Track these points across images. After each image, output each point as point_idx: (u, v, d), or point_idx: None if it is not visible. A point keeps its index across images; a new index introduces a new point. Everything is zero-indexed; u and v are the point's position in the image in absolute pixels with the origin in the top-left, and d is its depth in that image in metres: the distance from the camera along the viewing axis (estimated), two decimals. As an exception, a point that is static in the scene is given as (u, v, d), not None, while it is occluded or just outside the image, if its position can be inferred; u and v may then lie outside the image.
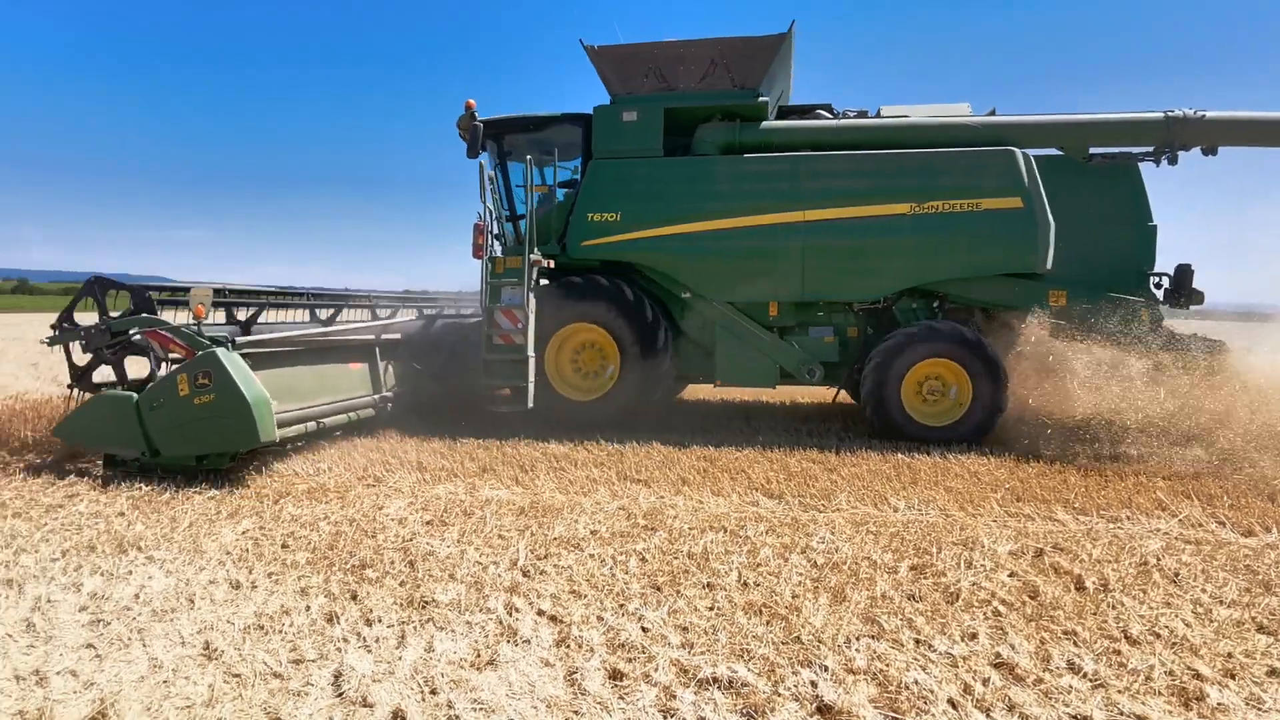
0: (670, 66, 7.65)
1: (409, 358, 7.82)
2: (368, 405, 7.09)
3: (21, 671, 2.72)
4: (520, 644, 2.91)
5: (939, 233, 7.11)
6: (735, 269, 7.53)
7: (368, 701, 2.50)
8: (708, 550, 4.00)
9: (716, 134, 7.66)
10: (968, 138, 7.33)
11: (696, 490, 5.27)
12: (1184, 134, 7.20)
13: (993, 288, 7.31)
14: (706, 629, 3.05)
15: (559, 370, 7.85)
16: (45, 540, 4.10)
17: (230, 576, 3.59)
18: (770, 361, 7.67)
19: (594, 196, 7.72)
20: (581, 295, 7.63)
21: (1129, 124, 7.37)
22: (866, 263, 7.31)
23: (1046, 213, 7.03)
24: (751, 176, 7.50)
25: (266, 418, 5.35)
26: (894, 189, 7.18)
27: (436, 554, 3.89)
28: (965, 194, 7.05)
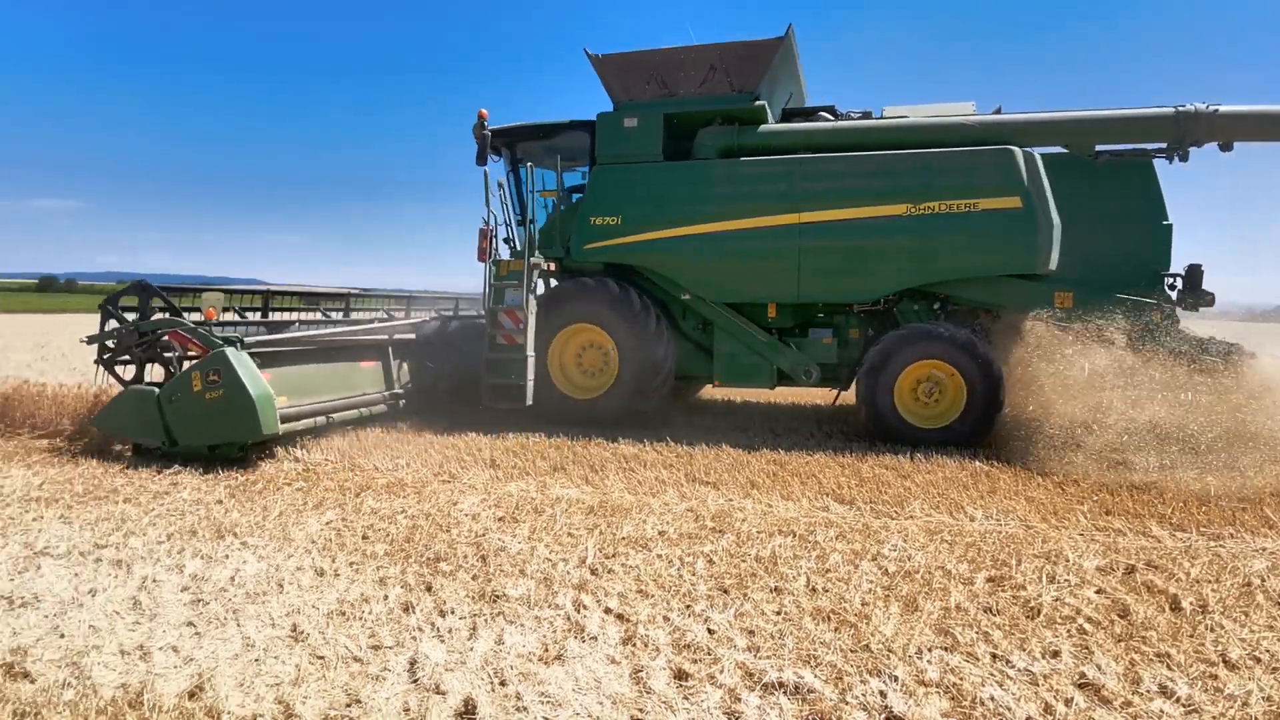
0: (671, 72, 7.74)
1: (423, 356, 8.11)
2: (379, 402, 7.43)
3: (127, 646, 2.93)
4: (587, 640, 2.96)
5: (936, 233, 6.99)
6: (732, 271, 7.59)
7: (440, 689, 2.59)
8: (776, 554, 3.96)
9: (716, 138, 7.70)
10: (967, 137, 7.16)
11: (765, 494, 5.22)
12: (1195, 130, 6.88)
13: (995, 289, 7.15)
14: (773, 633, 3.03)
15: (563, 369, 8.05)
16: (152, 524, 4.41)
17: (315, 564, 3.78)
18: (767, 363, 7.72)
19: (596, 201, 7.92)
20: (583, 296, 7.83)
21: (1137, 120, 7.08)
22: (862, 264, 7.25)
23: (1049, 213, 6.83)
24: (747, 179, 7.53)
25: (269, 413, 5.79)
26: (890, 190, 7.09)
27: (508, 550, 3.99)
28: (962, 194, 6.90)
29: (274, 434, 5.91)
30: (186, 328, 6.16)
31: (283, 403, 6.17)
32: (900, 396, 7.04)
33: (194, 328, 6.14)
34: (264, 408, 5.75)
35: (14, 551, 3.94)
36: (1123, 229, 7.15)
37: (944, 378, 6.99)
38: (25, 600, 3.34)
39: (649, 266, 7.90)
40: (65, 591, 3.43)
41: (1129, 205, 7.20)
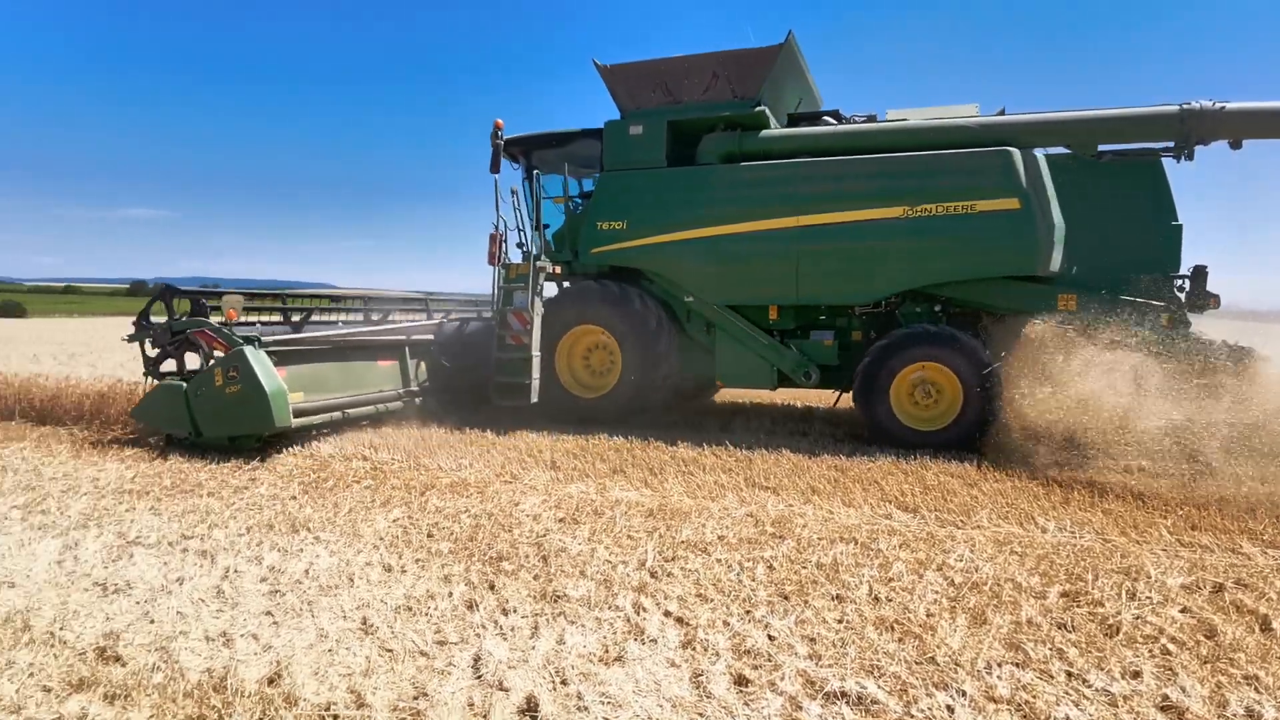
0: (675, 80, 7.90)
1: (440, 356, 8.45)
2: (395, 399, 7.83)
3: (211, 633, 3.09)
4: (647, 643, 2.97)
5: (933, 235, 6.95)
6: (733, 273, 7.71)
7: (504, 686, 2.64)
8: (837, 561, 3.91)
9: (719, 143, 7.83)
10: (966, 139, 7.11)
11: (826, 500, 5.15)
12: (1201, 128, 6.68)
13: (996, 291, 7.07)
14: (835, 641, 2.99)
15: (570, 368, 8.33)
16: (233, 518, 4.63)
17: (383, 560, 3.90)
18: (767, 364, 7.83)
19: (603, 206, 8.17)
20: (587, 299, 8.11)
21: (1140, 119, 6.91)
22: (860, 266, 7.27)
23: (1049, 214, 6.76)
24: (747, 184, 7.62)
25: (282, 407, 6.22)
26: (887, 192, 7.08)
27: (568, 551, 4.04)
28: (960, 196, 6.85)
29: (286, 426, 6.33)
30: (212, 327, 6.63)
31: (298, 398, 6.64)
32: (897, 399, 7.07)
33: (219, 327, 6.60)
34: (277, 402, 6.18)
35: (109, 540, 4.19)
36: (1131, 230, 6.98)
37: (941, 380, 6.98)
38: (118, 587, 3.55)
39: (653, 269, 8.09)
40: (155, 579, 3.63)
41: (1137, 206, 7.02)
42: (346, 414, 7.24)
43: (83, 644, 2.96)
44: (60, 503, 4.92)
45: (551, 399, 8.06)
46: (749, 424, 8.09)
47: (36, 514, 4.69)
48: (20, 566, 3.80)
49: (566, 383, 8.27)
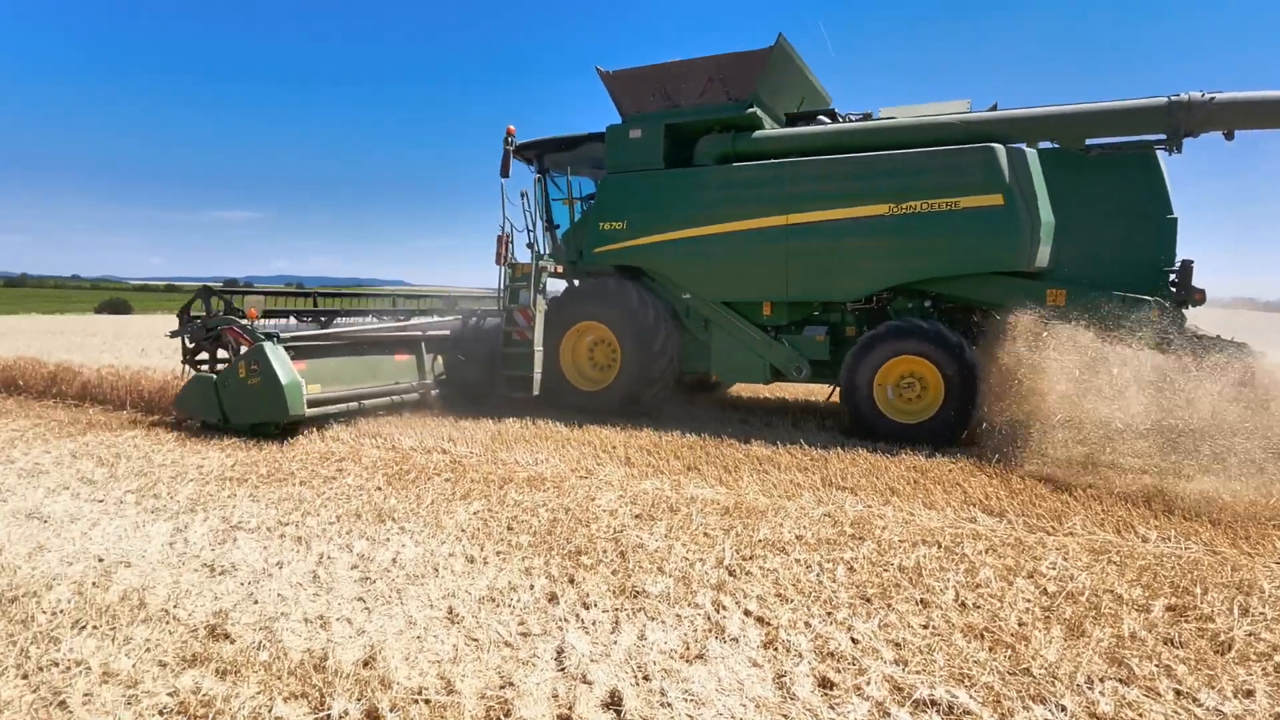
0: (673, 85, 8.13)
1: (457, 350, 8.87)
2: (411, 391, 8.33)
3: (309, 615, 3.23)
4: (728, 642, 2.96)
5: (917, 232, 7.03)
6: (726, 271, 7.92)
7: (587, 679, 2.68)
8: (920, 565, 3.81)
9: (714, 145, 8.04)
10: (952, 136, 7.15)
11: (906, 501, 5.02)
12: (1190, 120, 6.58)
13: (984, 286, 7.08)
14: (921, 647, 2.91)
15: (575, 363, 8.68)
16: (324, 506, 4.84)
17: (466, 551, 4.01)
18: (760, 358, 8.03)
19: (605, 207, 8.49)
20: (590, 297, 8.54)
21: (1128, 112, 6.86)
22: (847, 263, 7.39)
23: (1035, 209, 6.73)
24: (738, 184, 7.80)
25: (296, 398, 6.79)
26: (872, 190, 7.19)
27: (645, 547, 4.06)
28: (944, 193, 6.91)
29: (300, 416, 6.89)
30: (240, 325, 7.26)
31: (315, 390, 7.22)
32: (880, 392, 7.17)
33: (246, 325, 7.23)
34: (291, 393, 6.76)
35: (214, 524, 4.45)
36: (1125, 224, 6.88)
37: (924, 373, 7.03)
38: (224, 569, 3.76)
39: (652, 268, 8.39)
40: (257, 562, 3.83)
41: (1131, 199, 6.89)
42: (363, 404, 7.74)
43: (194, 621, 3.15)
44: (170, 488, 5.25)
45: (557, 392, 8.50)
46: (823, 423, 7.96)
47: (149, 498, 5.02)
48: (136, 547, 4.08)
49: (571, 377, 8.63)
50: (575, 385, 8.57)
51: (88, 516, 4.61)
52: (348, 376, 7.81)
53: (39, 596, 3.38)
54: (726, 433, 7.08)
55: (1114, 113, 6.92)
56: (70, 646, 2.90)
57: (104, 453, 6.36)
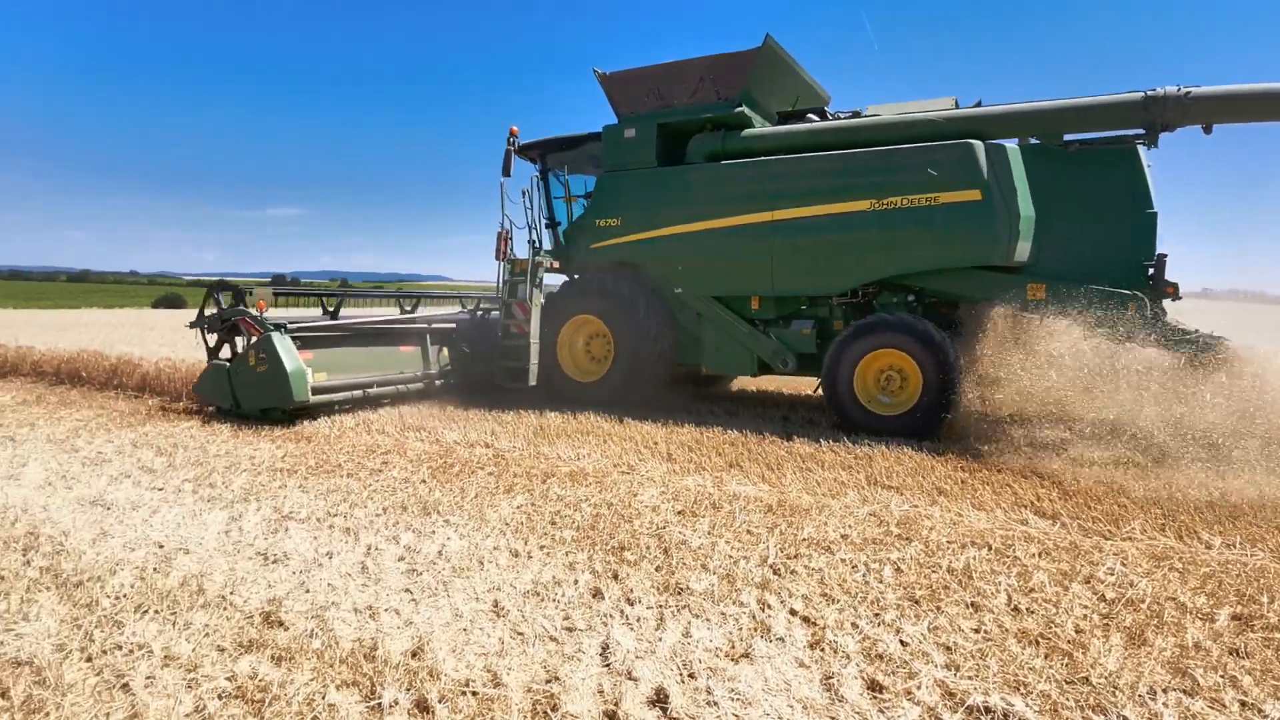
0: (666, 85, 8.34)
1: (462, 342, 9.34)
2: (416, 381, 8.76)
3: (359, 605, 3.30)
4: (774, 641, 2.94)
5: (898, 228, 7.10)
6: (715, 266, 8.13)
7: (632, 675, 2.68)
8: (970, 567, 3.72)
9: (704, 143, 8.24)
10: (933, 132, 7.23)
11: (954, 501, 4.91)
12: (1166, 115, 6.61)
13: (964, 280, 7.14)
14: (974, 652, 2.84)
15: (572, 356, 8.98)
16: (370, 498, 4.93)
17: (510, 545, 4.04)
18: (748, 351, 8.17)
19: (600, 205, 8.77)
20: (585, 291, 8.79)
21: (1105, 107, 6.85)
22: (830, 258, 7.52)
23: (1014, 205, 6.76)
24: (725, 181, 8.00)
25: (301, 385, 7.21)
26: (854, 187, 7.30)
27: (689, 543, 4.05)
28: (924, 189, 6.97)
29: (304, 402, 7.31)
30: (251, 316, 7.66)
31: (321, 378, 7.66)
32: (861, 384, 7.28)
33: (257, 316, 7.62)
34: (296, 381, 7.19)
35: (266, 514, 4.56)
36: (1105, 218, 6.89)
37: (904, 367, 7.12)
38: (277, 557, 3.85)
39: (644, 263, 8.58)
40: (308, 552, 3.91)
41: (1111, 194, 6.89)
42: (367, 392, 8.19)
43: (249, 608, 3.24)
44: (224, 478, 5.40)
45: (555, 383, 8.85)
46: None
47: (205, 487, 5.17)
48: (193, 534, 4.20)
49: (568, 369, 8.94)
50: (571, 377, 8.87)
51: (148, 504, 4.77)
52: (353, 366, 8.21)
53: (103, 581, 3.50)
54: (768, 430, 7.03)
55: (1091, 108, 6.92)
56: (133, 630, 3.00)
57: (162, 442, 6.57)
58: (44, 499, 4.89)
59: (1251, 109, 6.54)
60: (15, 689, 2.58)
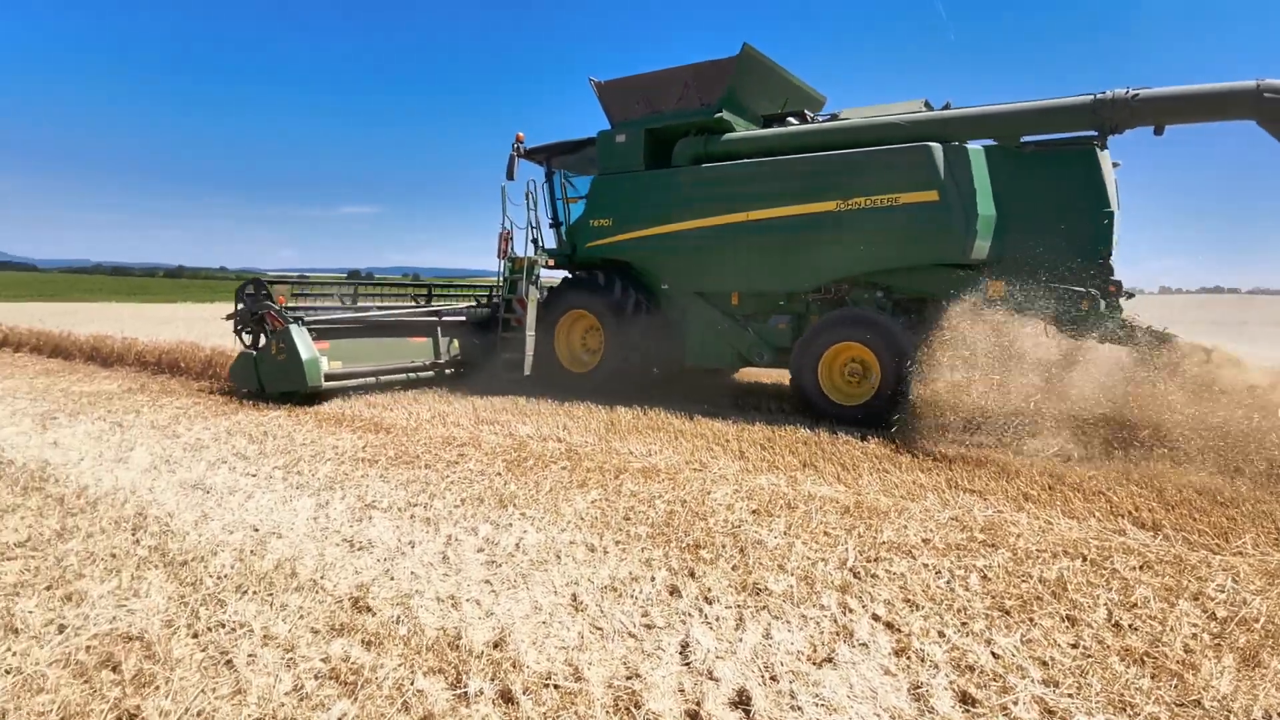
0: (655, 92, 8.76)
1: (472, 334, 10.10)
2: (426, 369, 9.59)
3: (441, 595, 3.37)
4: (857, 647, 2.86)
5: (862, 227, 7.41)
6: (696, 264, 8.56)
7: (713, 675, 2.65)
8: (1064, 578, 3.55)
9: (689, 147, 8.64)
10: (897, 135, 7.51)
11: (1043, 508, 4.70)
12: (1115, 117, 6.79)
13: (928, 278, 7.40)
14: (1072, 669, 2.71)
15: (568, 348, 9.60)
16: (448, 489, 5.04)
17: (586, 540, 4.07)
18: (728, 345, 8.62)
19: (594, 206, 9.28)
20: (579, 288, 9.36)
21: (1057, 110, 7.09)
22: (800, 257, 7.88)
23: (972, 204, 7.00)
24: (705, 183, 8.36)
25: (314, 372, 8.10)
26: (821, 188, 7.61)
27: (765, 543, 3.99)
28: (885, 190, 7.26)
29: (318, 387, 8.18)
30: (275, 309, 8.45)
31: (336, 366, 8.56)
32: (826, 375, 7.65)
33: (279, 309, 8.43)
34: (310, 368, 8.06)
35: (351, 502, 4.72)
36: (1065, 217, 7.02)
37: (866, 359, 7.44)
38: (363, 545, 3.98)
39: (633, 261, 9.10)
40: (391, 541, 4.03)
41: (1070, 194, 7.06)
42: (379, 379, 9.01)
43: (339, 593, 3.35)
44: (310, 466, 5.62)
45: (552, 373, 9.48)
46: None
47: (293, 474, 5.39)
48: (285, 519, 4.39)
49: (564, 359, 9.57)
50: (567, 368, 9.50)
51: (243, 489, 5.01)
52: (366, 355, 9.02)
53: (205, 561, 3.69)
54: (842, 429, 6.88)
55: (1044, 111, 7.15)
56: (234, 610, 3.15)
57: (254, 430, 6.89)
58: (150, 481, 5.19)
59: (1196, 109, 6.68)
60: (127, 663, 2.74)
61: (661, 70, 8.70)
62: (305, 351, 8.10)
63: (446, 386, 9.49)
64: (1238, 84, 6.43)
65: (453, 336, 9.98)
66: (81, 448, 6.23)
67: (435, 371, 9.70)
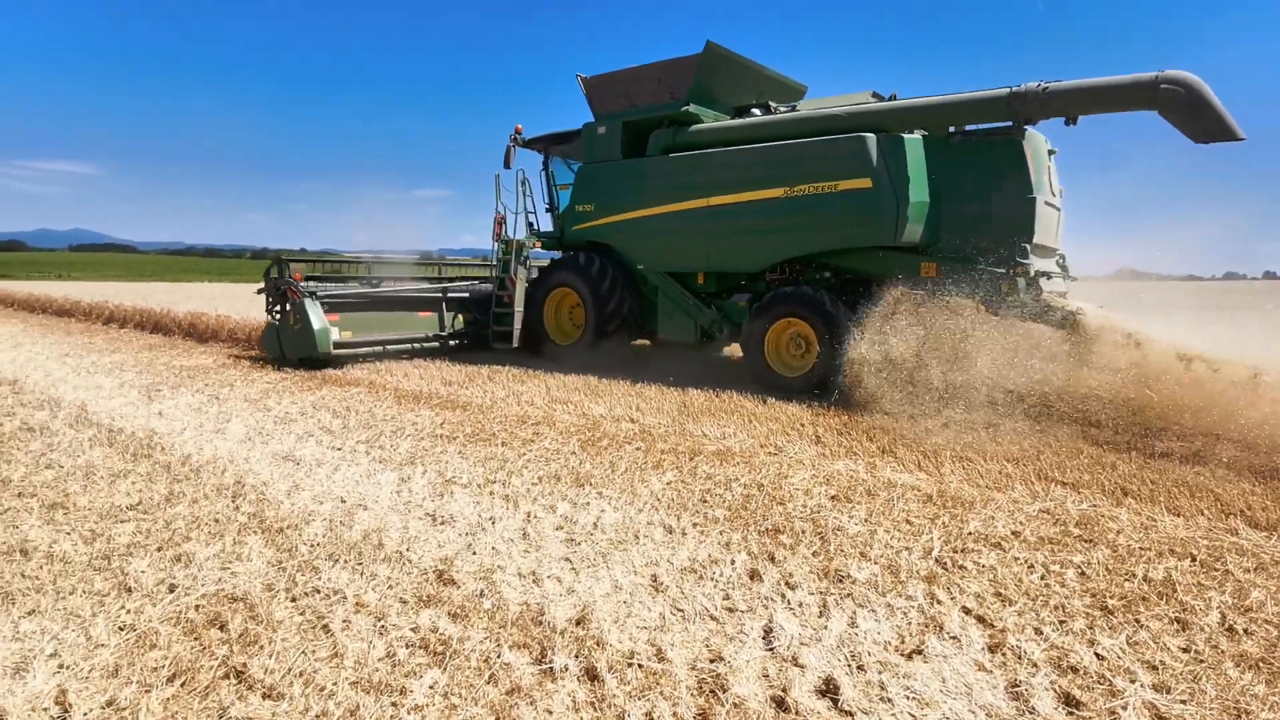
0: (632, 88, 9.51)
1: (475, 309, 11.22)
2: (431, 341, 10.71)
3: (522, 570, 3.42)
4: (948, 640, 2.77)
5: (806, 212, 7.97)
6: (664, 246, 9.31)
7: (799, 662, 2.61)
8: (1172, 578, 3.35)
9: (661, 138, 9.35)
10: (838, 126, 8.07)
11: (1144, 504, 4.44)
12: (1027, 108, 7.21)
13: (867, 259, 7.98)
14: (1185, 674, 2.55)
15: (557, 322, 10.60)
16: (526, 467, 5.12)
17: (663, 520, 4.06)
18: (692, 320, 9.36)
19: (579, 193, 10.12)
20: (564, 268, 10.27)
21: (975, 102, 7.53)
22: (751, 240, 8.48)
23: (903, 191, 7.49)
24: (673, 172, 9.05)
25: (324, 340, 9.25)
26: (770, 176, 8.19)
27: (845, 530, 3.91)
28: (825, 177, 7.82)
29: (327, 354, 9.32)
30: (296, 285, 9.49)
31: (347, 335, 9.73)
32: (773, 348, 8.31)
33: (299, 285, 9.49)
34: (320, 337, 9.21)
35: (431, 478, 4.84)
36: (992, 203, 7.50)
37: (805, 334, 8.07)
38: (444, 519, 4.08)
39: (613, 243, 9.87)
40: (472, 516, 4.12)
41: (996, 181, 7.50)
42: (386, 348, 10.16)
43: (424, 565, 3.45)
44: (391, 441, 5.79)
45: (542, 344, 10.53)
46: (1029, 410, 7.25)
47: (376, 449, 5.57)
48: (370, 492, 4.53)
49: (552, 332, 10.57)
50: (555, 340, 10.49)
51: (330, 462, 5.20)
52: (375, 326, 10.17)
53: (299, 529, 3.85)
54: (920, 415, 6.67)
55: (966, 103, 7.56)
56: (328, 577, 3.27)
57: (337, 406, 7.15)
58: (245, 452, 5.45)
59: (1101, 100, 7.00)
60: (233, 622, 2.88)
61: (638, 67, 9.45)
62: (317, 322, 9.23)
63: (520, 364, 9.72)
64: (1139, 76, 6.79)
65: (457, 311, 11.12)
66: (183, 418, 6.59)
67: (440, 343, 10.79)
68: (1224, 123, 6.56)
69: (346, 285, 10.50)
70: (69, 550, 3.59)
